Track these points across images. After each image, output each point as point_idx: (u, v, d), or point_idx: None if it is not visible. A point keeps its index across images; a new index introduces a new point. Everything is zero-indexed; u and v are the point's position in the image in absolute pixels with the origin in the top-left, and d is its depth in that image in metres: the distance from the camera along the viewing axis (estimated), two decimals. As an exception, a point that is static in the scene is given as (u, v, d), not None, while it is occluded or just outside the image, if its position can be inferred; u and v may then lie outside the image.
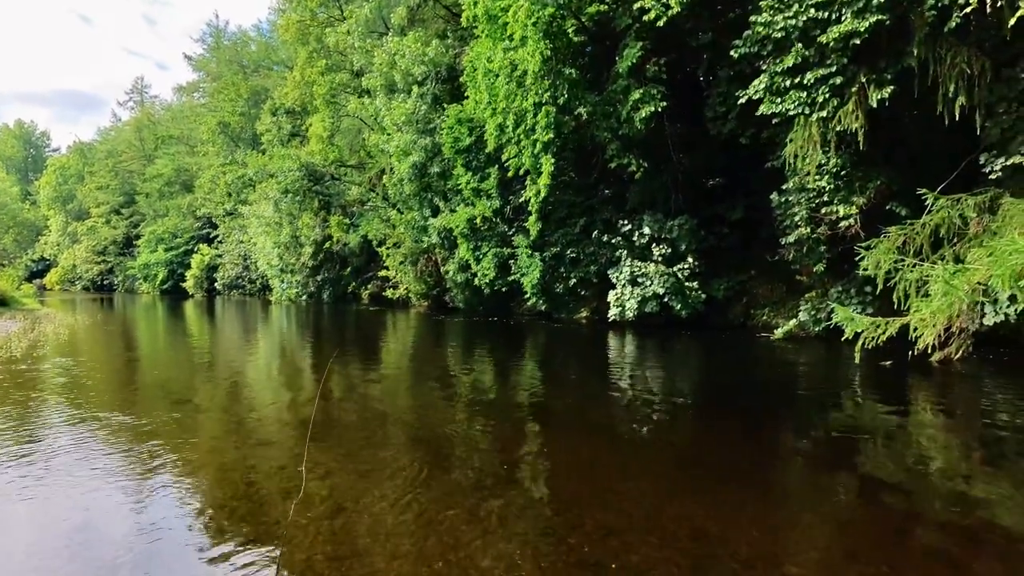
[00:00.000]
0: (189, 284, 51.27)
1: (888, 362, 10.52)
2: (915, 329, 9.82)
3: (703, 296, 16.68)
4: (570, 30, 16.30)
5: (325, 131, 31.12)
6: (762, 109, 12.68)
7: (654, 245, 17.08)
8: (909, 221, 11.09)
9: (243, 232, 44.27)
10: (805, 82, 11.84)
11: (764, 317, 16.32)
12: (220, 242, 49.62)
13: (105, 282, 68.25)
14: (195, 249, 51.95)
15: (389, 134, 24.82)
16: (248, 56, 51.89)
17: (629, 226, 17.59)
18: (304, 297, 37.63)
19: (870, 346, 10.08)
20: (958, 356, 10.03)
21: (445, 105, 22.81)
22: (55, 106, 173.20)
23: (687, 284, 16.58)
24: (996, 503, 4.76)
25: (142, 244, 59.02)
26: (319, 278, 36.59)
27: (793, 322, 14.41)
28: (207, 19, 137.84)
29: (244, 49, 52.81)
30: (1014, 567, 3.77)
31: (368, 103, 27.65)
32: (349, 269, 35.38)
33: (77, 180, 73.71)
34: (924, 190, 10.78)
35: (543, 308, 20.56)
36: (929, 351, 9.94)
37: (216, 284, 49.00)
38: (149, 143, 64.58)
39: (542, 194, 17.54)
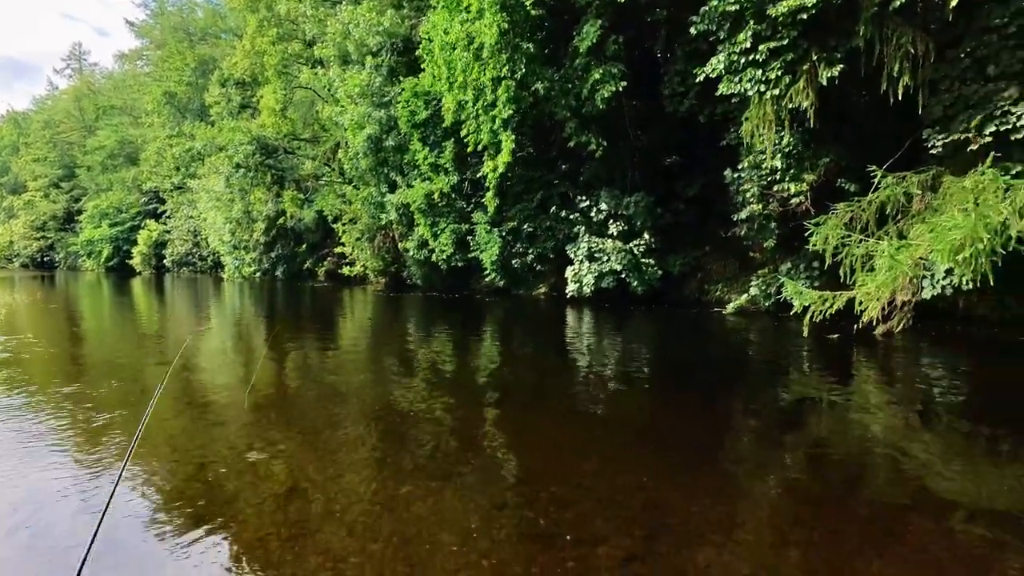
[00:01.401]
0: (136, 261, 49.50)
1: (834, 336, 10.87)
2: (860, 303, 10.18)
3: (659, 272, 16.89)
4: (528, 3, 16.06)
5: (277, 103, 30.21)
6: (721, 89, 12.77)
7: (611, 221, 17.20)
8: (857, 198, 11.42)
9: (192, 207, 42.82)
10: (758, 57, 11.92)
11: (718, 292, 16.66)
12: (168, 217, 47.95)
13: (45, 259, 65.50)
14: (142, 225, 50.11)
15: (343, 106, 24.22)
16: (194, 23, 49.72)
17: (587, 202, 17.64)
18: (258, 274, 36.75)
19: (817, 319, 10.44)
20: (900, 329, 10.44)
21: (401, 77, 22.34)
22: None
23: (643, 260, 16.77)
24: (930, 470, 5.01)
25: (85, 219, 56.56)
26: (273, 255, 35.73)
27: (744, 297, 14.74)
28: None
29: (190, 16, 50.57)
30: (946, 528, 3.97)
31: (321, 74, 26.89)
32: (304, 246, 34.63)
33: (11, 152, 70.17)
34: (873, 167, 11.07)
35: (501, 284, 20.55)
36: (873, 324, 10.32)
37: (165, 261, 47.44)
38: (89, 113, 61.75)
39: (500, 170, 17.42)
